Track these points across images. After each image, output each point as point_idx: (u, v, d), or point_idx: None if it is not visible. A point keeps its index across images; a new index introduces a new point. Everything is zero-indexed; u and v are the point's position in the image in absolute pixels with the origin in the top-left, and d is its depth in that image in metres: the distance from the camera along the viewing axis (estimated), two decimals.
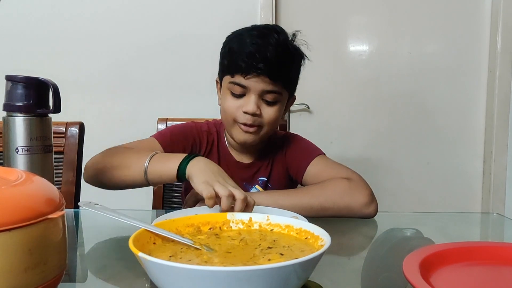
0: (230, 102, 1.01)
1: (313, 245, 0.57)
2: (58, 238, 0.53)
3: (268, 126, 1.03)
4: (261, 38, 0.98)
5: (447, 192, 2.12)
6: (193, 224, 0.65)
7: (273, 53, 0.96)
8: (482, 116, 2.10)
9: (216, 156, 1.12)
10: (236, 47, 1.00)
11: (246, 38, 0.99)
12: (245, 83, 0.98)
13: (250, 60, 0.96)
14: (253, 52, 0.96)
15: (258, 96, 0.99)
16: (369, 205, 0.93)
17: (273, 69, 0.97)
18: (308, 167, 1.07)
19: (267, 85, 0.98)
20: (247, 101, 0.99)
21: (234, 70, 0.99)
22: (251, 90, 0.99)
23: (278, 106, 1.02)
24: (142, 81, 1.98)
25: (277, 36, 0.99)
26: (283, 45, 0.99)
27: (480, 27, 2.08)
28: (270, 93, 1.00)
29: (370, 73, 2.07)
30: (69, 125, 1.17)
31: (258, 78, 0.97)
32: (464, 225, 1.01)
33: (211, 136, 1.13)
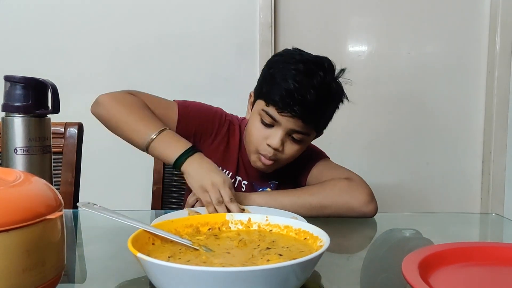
0: (257, 129, 1.00)
1: (312, 245, 0.57)
2: (57, 239, 0.52)
3: (286, 161, 1.03)
4: (306, 76, 0.94)
5: (446, 193, 2.12)
6: (192, 225, 0.65)
7: (313, 97, 0.93)
8: (481, 116, 2.10)
9: (236, 151, 1.10)
10: (278, 77, 0.96)
11: (291, 71, 0.95)
12: (277, 117, 0.96)
13: (288, 99, 0.93)
14: (293, 91, 0.93)
15: (286, 132, 0.98)
16: (368, 204, 0.93)
17: (309, 113, 0.95)
18: (313, 169, 1.08)
19: (298, 126, 0.97)
20: (274, 135, 0.97)
21: (270, 102, 0.96)
22: (281, 125, 0.97)
23: (302, 145, 1.02)
24: (141, 81, 1.97)
25: (322, 75, 0.96)
26: (325, 87, 0.96)
27: (479, 27, 2.07)
28: (299, 133, 0.99)
29: (369, 74, 2.07)
30: (68, 125, 1.17)
31: (291, 119, 0.95)
32: (463, 225, 1.01)
33: (233, 127, 1.12)
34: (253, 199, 0.95)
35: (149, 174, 1.31)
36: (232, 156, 1.10)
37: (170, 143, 0.91)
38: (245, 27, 1.95)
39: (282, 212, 0.88)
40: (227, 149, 1.10)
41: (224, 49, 1.95)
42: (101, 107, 1.00)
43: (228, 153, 1.10)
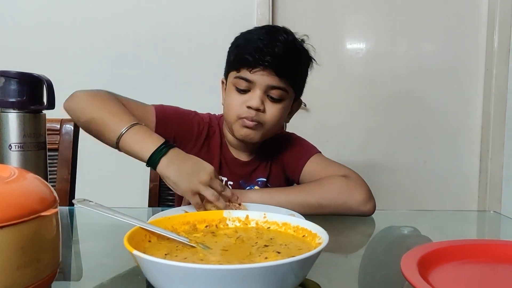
0: (234, 97, 1.00)
1: (310, 243, 0.56)
2: (52, 236, 0.52)
3: (269, 124, 1.01)
4: (269, 35, 0.97)
5: (444, 191, 2.12)
6: (189, 222, 0.64)
7: (281, 48, 0.95)
8: (479, 114, 2.10)
9: (218, 151, 1.10)
10: (243, 42, 1.00)
11: (254, 35, 0.99)
12: (250, 78, 0.97)
13: (257, 53, 0.95)
14: (261, 46, 0.95)
15: (263, 92, 0.98)
16: (366, 202, 0.92)
17: (280, 63, 0.96)
18: (305, 167, 1.06)
19: (273, 80, 0.97)
20: (252, 96, 0.98)
21: (240, 64, 0.98)
22: (256, 85, 0.97)
23: (283, 104, 1.01)
24: (136, 78, 1.97)
25: (285, 36, 0.98)
26: (291, 44, 0.99)
27: (477, 25, 2.07)
28: (276, 89, 0.98)
29: (367, 72, 2.07)
30: (64, 122, 1.15)
31: (264, 72, 0.95)
32: (462, 223, 1.00)
33: (212, 129, 1.11)
34: (249, 196, 0.94)
35: (146, 171, 1.30)
36: (213, 157, 1.09)
37: (142, 138, 0.86)
38: (242, 24, 1.92)
39: (279, 209, 0.87)
40: (208, 152, 1.09)
41: (220, 46, 1.92)
42: (74, 101, 0.95)
43: (209, 155, 1.09)
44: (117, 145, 0.88)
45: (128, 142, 0.86)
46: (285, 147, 1.12)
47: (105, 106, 0.92)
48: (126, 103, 0.99)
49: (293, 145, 1.12)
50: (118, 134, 0.86)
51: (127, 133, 0.86)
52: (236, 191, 0.97)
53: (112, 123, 0.89)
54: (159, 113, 1.04)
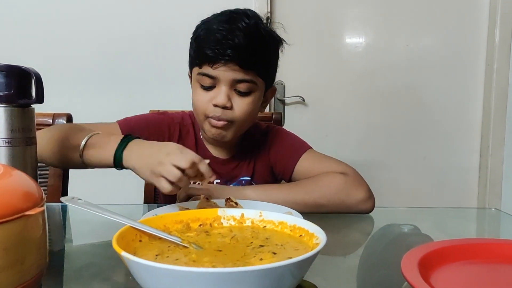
0: (199, 95, 0.95)
1: (307, 243, 0.54)
2: (37, 236, 0.50)
3: (240, 121, 0.95)
4: (228, 23, 0.90)
5: (443, 187, 2.10)
6: (182, 221, 0.62)
7: (242, 38, 0.88)
8: (479, 110, 2.07)
9: (193, 149, 1.03)
10: (202, 34, 0.94)
11: (213, 25, 0.92)
12: (213, 73, 0.91)
13: (217, 47, 0.88)
14: (220, 38, 0.88)
15: (229, 87, 0.92)
16: (366, 201, 0.90)
17: (243, 55, 0.89)
18: (297, 164, 1.02)
19: (238, 73, 0.91)
20: (218, 93, 0.92)
21: (201, 60, 0.92)
22: (220, 81, 0.91)
23: (252, 97, 0.95)
24: (133, 72, 1.94)
25: (247, 21, 0.91)
26: (254, 30, 0.91)
27: (478, 19, 2.04)
28: (242, 83, 0.92)
29: (366, 66, 2.04)
30: (56, 116, 1.13)
31: (226, 67, 0.89)
32: (462, 220, 0.98)
33: (185, 128, 1.06)
34: (245, 193, 0.91)
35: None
36: None
37: (103, 143, 0.80)
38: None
39: (276, 207, 0.85)
40: None
41: None
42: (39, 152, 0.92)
43: None
44: (82, 161, 0.82)
45: (92, 153, 0.81)
46: (272, 143, 1.06)
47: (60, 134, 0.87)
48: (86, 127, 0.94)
49: (281, 142, 1.06)
50: (79, 150, 0.81)
51: (87, 145, 0.81)
52: (231, 188, 0.95)
53: (70, 144, 0.83)
54: (123, 127, 0.99)
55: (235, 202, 0.88)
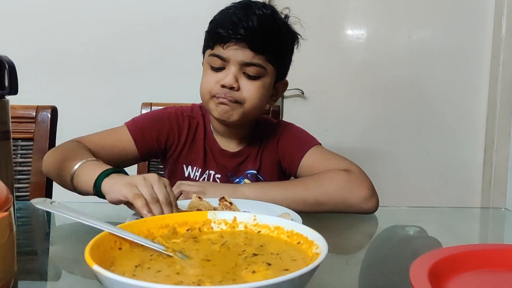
0: (208, 76, 0.94)
1: (306, 252, 0.49)
2: (1, 243, 0.44)
3: (248, 103, 0.93)
4: (245, 9, 0.91)
5: (446, 183, 2.05)
6: (168, 225, 0.56)
7: (256, 22, 0.89)
8: (484, 103, 2.02)
9: (202, 143, 1.03)
10: (218, 17, 0.95)
11: (230, 10, 0.93)
12: (224, 54, 0.91)
13: (230, 26, 0.89)
14: (235, 20, 0.89)
15: (238, 69, 0.91)
16: (368, 199, 0.85)
17: (255, 37, 0.89)
18: (303, 159, 0.98)
19: (248, 55, 0.90)
20: (226, 74, 0.92)
21: (214, 40, 0.92)
22: (230, 62, 0.91)
23: (261, 82, 0.93)
24: (125, 65, 1.86)
25: (264, 10, 0.92)
26: (269, 18, 0.92)
27: (484, 10, 1.98)
28: (251, 66, 0.91)
29: (367, 58, 1.98)
30: (40, 109, 1.06)
31: (237, 46, 0.89)
32: (471, 222, 0.93)
33: (194, 120, 1.04)
34: (241, 191, 0.87)
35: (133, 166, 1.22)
36: (199, 151, 1.02)
37: (90, 170, 0.78)
38: None
39: (273, 206, 0.80)
40: (193, 145, 1.03)
41: None
42: (43, 164, 0.93)
43: (193, 149, 1.02)
44: (73, 186, 0.82)
45: (79, 178, 0.80)
46: (281, 137, 1.04)
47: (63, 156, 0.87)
48: (95, 138, 0.95)
49: (290, 136, 1.04)
50: (70, 174, 0.81)
51: (77, 171, 0.80)
52: (227, 186, 0.90)
53: (67, 168, 0.83)
54: (132, 129, 0.98)
55: (229, 201, 0.83)
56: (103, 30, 1.85)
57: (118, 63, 1.86)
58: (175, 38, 1.85)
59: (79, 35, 1.84)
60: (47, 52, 1.82)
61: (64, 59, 1.84)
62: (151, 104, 1.34)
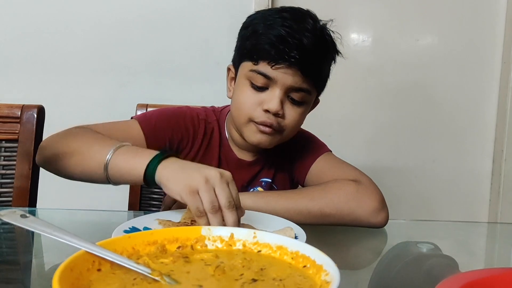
0: (248, 95, 0.84)
1: (313, 278, 0.42)
2: None
3: (288, 130, 0.86)
4: (295, 21, 0.81)
5: (452, 192, 1.99)
6: (156, 242, 0.50)
7: (310, 40, 0.79)
8: (493, 111, 1.95)
9: (217, 151, 0.94)
10: (263, 28, 0.82)
11: (276, 19, 0.81)
12: (271, 74, 0.81)
13: (282, 45, 0.79)
14: (286, 36, 0.79)
15: (284, 92, 0.82)
16: (378, 213, 0.79)
17: (308, 59, 0.80)
18: (312, 166, 0.93)
19: (297, 80, 0.81)
20: (271, 97, 0.82)
21: (259, 56, 0.81)
22: (277, 84, 0.81)
23: (304, 108, 0.86)
24: (120, 62, 1.79)
25: (312, 22, 0.82)
26: (320, 34, 0.83)
27: (494, 13, 1.91)
28: (299, 92, 0.83)
29: (373, 62, 1.92)
30: (25, 108, 0.99)
31: (288, 70, 0.80)
32: (487, 237, 0.87)
33: (209, 125, 0.95)
34: (241, 201, 0.80)
35: None
36: (213, 159, 0.93)
37: (135, 155, 0.69)
38: (239, 5, 1.79)
39: (275, 218, 0.74)
40: (207, 153, 0.93)
41: (215, 29, 1.78)
42: (46, 149, 0.80)
43: (208, 156, 0.93)
44: (106, 175, 0.71)
45: (117, 166, 0.69)
46: (294, 143, 0.97)
47: (78, 139, 0.77)
48: (104, 129, 0.83)
49: (302, 142, 0.98)
50: (104, 161, 0.70)
51: (114, 157, 0.70)
52: None
53: (94, 153, 0.72)
54: (145, 125, 0.88)
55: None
56: (96, 27, 1.77)
57: (112, 62, 1.78)
58: (173, 36, 1.78)
59: (71, 32, 1.76)
60: (37, 50, 1.74)
61: (55, 58, 1.75)
62: (147, 106, 1.28)
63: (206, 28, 1.78)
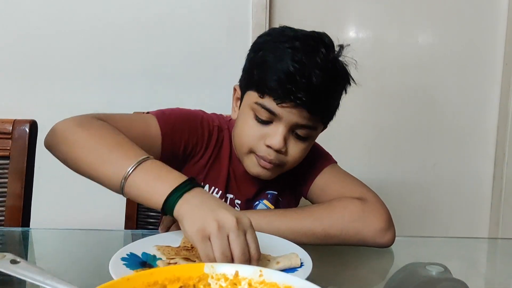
0: (251, 127, 0.80)
1: None
2: None
3: (289, 165, 0.83)
4: (306, 55, 0.76)
5: (453, 196, 1.97)
6: (157, 283, 0.46)
7: (320, 78, 0.75)
8: (495, 113, 1.93)
9: (227, 163, 0.90)
10: (271, 59, 0.78)
11: (287, 49, 0.77)
12: (276, 110, 0.77)
13: (290, 85, 0.75)
14: (294, 74, 0.75)
15: (288, 128, 0.79)
16: (384, 232, 0.76)
17: (316, 98, 0.76)
18: (317, 178, 0.90)
19: (303, 118, 0.78)
20: (274, 132, 0.78)
21: (265, 91, 0.78)
22: (281, 120, 0.78)
23: (309, 142, 0.83)
24: (115, 68, 1.74)
25: (325, 52, 0.77)
26: (331, 67, 0.79)
27: (495, 15, 1.88)
28: (304, 128, 0.80)
29: (372, 64, 1.89)
30: (17, 123, 0.95)
31: (294, 109, 0.76)
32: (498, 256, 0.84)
33: (221, 134, 0.91)
34: None
35: None
36: (222, 170, 0.89)
37: (158, 177, 0.63)
38: (236, 8, 1.75)
39: (278, 240, 0.72)
40: (216, 162, 0.89)
41: (212, 33, 1.74)
42: (59, 136, 0.73)
43: (216, 167, 0.89)
44: (121, 188, 0.65)
45: (138, 184, 0.63)
46: None
47: (100, 138, 0.70)
48: (120, 123, 0.77)
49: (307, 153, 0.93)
50: (122, 173, 0.64)
51: (135, 173, 0.64)
52: None
53: (112, 160, 0.67)
54: (163, 123, 0.83)
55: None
56: (91, 31, 1.73)
57: (107, 68, 1.74)
58: (171, 40, 1.74)
59: (65, 38, 1.72)
60: (30, 56, 1.69)
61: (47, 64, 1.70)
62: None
63: (202, 32, 1.74)
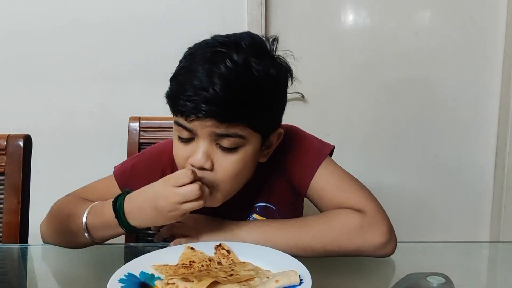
0: (177, 148, 0.77)
1: None
2: None
3: (223, 184, 0.75)
4: (211, 63, 0.70)
5: (455, 187, 1.97)
6: None
7: (221, 88, 0.68)
8: (496, 104, 1.91)
9: None
10: (182, 75, 0.73)
11: (196, 59, 0.72)
12: (188, 126, 0.72)
13: (191, 98, 0.69)
14: (195, 87, 0.69)
15: (209, 141, 0.73)
16: (384, 246, 0.75)
17: (222, 110, 0.69)
18: (314, 179, 0.83)
19: (218, 127, 0.71)
20: (194, 149, 0.73)
21: (174, 108, 0.74)
22: (198, 135, 0.73)
23: (241, 154, 0.74)
24: (109, 68, 1.73)
25: (235, 59, 0.70)
26: (241, 72, 0.71)
27: (495, 4, 1.85)
28: (225, 137, 0.72)
29: (371, 57, 1.87)
30: (11, 138, 0.95)
31: (203, 122, 0.70)
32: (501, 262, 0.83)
33: None
34: (239, 235, 0.77)
35: None
36: None
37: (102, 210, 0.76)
38: (231, 4, 1.73)
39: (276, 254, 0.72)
40: None
41: (206, 30, 1.70)
42: (43, 235, 0.87)
43: None
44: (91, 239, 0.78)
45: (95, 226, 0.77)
46: (289, 148, 0.87)
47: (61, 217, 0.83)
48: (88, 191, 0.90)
49: (296, 145, 0.87)
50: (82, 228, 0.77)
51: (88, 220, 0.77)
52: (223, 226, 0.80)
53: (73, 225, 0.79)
54: (118, 177, 0.90)
55: (226, 249, 0.75)
56: (85, 32, 1.71)
57: (102, 69, 1.73)
58: (169, 43, 1.72)
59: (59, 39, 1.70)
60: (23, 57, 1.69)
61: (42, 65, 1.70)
62: (139, 119, 1.24)
63: (196, 29, 1.71)
